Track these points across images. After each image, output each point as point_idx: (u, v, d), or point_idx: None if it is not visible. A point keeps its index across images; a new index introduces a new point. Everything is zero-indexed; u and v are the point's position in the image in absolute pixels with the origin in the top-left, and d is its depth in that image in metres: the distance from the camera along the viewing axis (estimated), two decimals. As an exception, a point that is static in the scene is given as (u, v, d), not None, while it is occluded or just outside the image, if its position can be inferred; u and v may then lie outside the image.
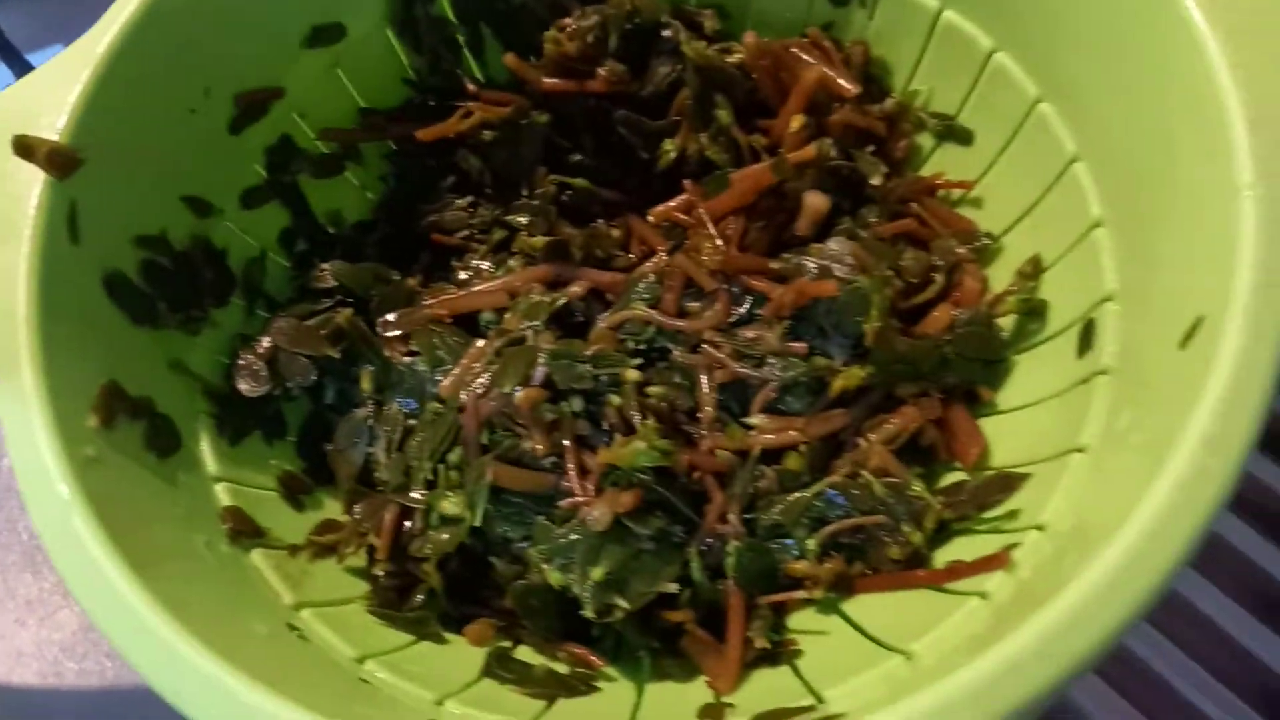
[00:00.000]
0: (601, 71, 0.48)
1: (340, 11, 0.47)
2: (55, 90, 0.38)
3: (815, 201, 0.45)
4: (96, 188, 0.38)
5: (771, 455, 0.43)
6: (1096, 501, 0.33)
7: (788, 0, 0.49)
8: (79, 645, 0.57)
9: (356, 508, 0.43)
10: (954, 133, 0.47)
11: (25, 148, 0.36)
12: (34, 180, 0.37)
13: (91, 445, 0.34)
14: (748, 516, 0.42)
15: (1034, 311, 0.43)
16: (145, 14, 0.40)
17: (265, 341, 0.44)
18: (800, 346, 0.42)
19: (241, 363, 0.43)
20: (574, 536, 0.39)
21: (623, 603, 0.38)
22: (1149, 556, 0.28)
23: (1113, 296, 0.38)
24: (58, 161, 0.37)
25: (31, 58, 0.71)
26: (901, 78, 0.49)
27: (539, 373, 0.42)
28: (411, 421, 0.44)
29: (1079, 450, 0.36)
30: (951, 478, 0.42)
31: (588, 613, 0.39)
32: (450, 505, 0.41)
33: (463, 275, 0.49)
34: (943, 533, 0.40)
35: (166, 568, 0.33)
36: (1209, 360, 0.29)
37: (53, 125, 0.37)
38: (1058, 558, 0.33)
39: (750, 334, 0.44)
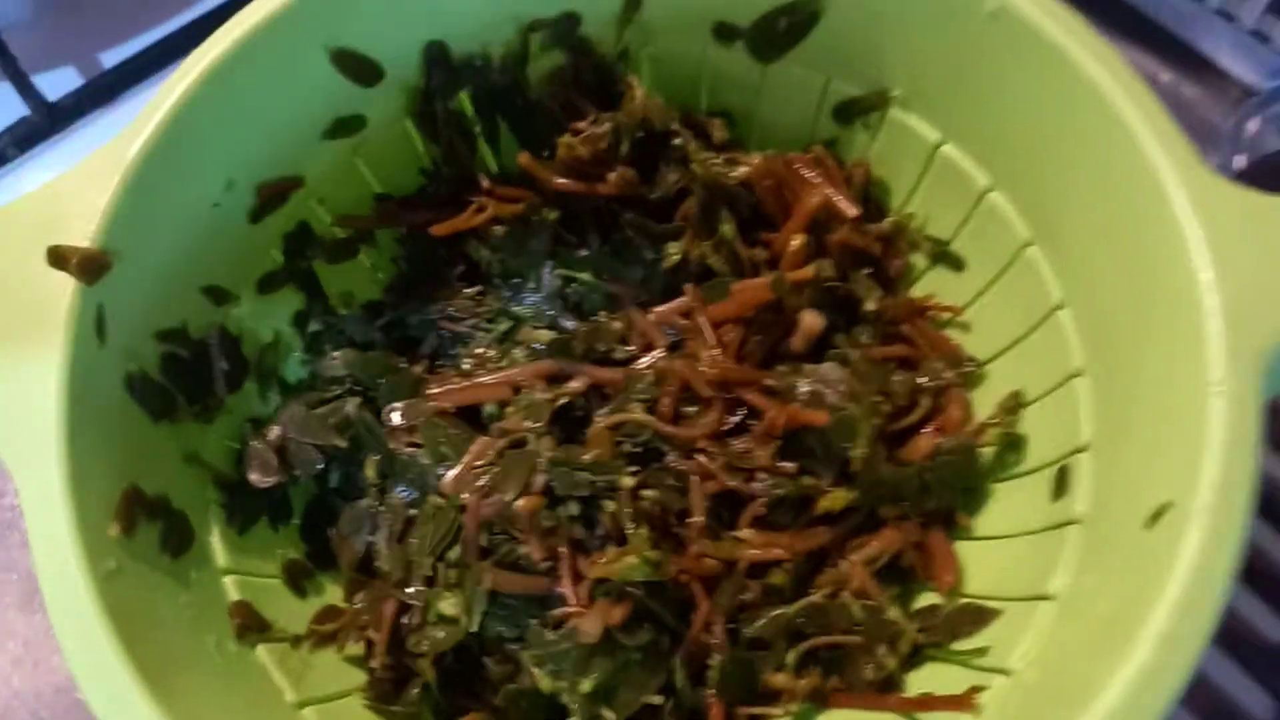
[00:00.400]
0: (612, 176, 0.50)
1: (362, 104, 0.48)
2: (85, 194, 0.39)
3: (811, 321, 0.47)
4: (122, 288, 0.40)
5: (757, 567, 0.45)
6: (1061, 664, 0.35)
7: (793, 114, 0.51)
8: (74, 687, 0.58)
9: (357, 597, 0.45)
10: (947, 258, 0.49)
11: (58, 257, 0.38)
12: (65, 285, 0.38)
13: (113, 557, 0.35)
14: (730, 626, 0.44)
15: (1013, 444, 0.45)
16: (176, 116, 0.41)
17: (275, 430, 0.45)
18: (790, 466, 0.44)
19: (252, 451, 0.45)
20: (565, 645, 0.41)
21: (609, 715, 0.40)
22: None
23: (1088, 448, 0.41)
24: (88, 267, 0.38)
25: (36, 80, 0.71)
26: (899, 198, 0.51)
27: (539, 480, 0.44)
28: (413, 512, 0.46)
29: (1047, 598, 0.39)
30: (926, 598, 0.45)
31: None
32: (448, 606, 0.42)
33: (467, 363, 0.51)
34: (916, 656, 0.43)
35: (180, 680, 0.34)
36: (1171, 554, 0.31)
37: (84, 231, 0.39)
38: (1024, 712, 0.35)
39: (742, 446, 0.46)
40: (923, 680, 0.42)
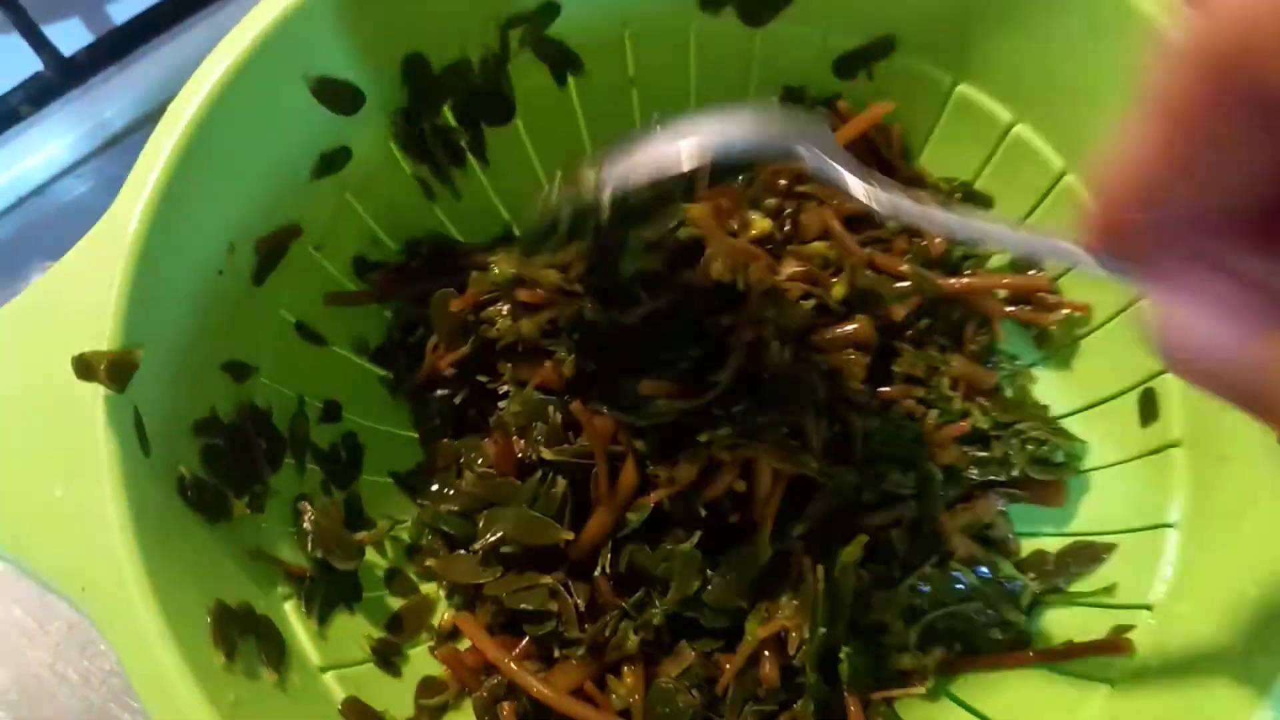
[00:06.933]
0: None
1: (346, 135, 0.44)
2: (90, 283, 0.35)
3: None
4: (150, 385, 0.35)
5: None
6: (1218, 590, 0.35)
7: (790, 74, 0.49)
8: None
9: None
10: (974, 197, 0.48)
11: (85, 366, 0.33)
12: (95, 396, 0.33)
13: (229, 690, 0.32)
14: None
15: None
16: (168, 180, 0.36)
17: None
18: None
19: (323, 532, 0.41)
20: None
21: None
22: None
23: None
24: (116, 372, 0.34)
25: (47, 30, 0.61)
26: (915, 144, 0.49)
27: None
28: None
29: (1168, 526, 0.39)
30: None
31: None
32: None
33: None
34: (1033, 607, 0.42)
35: (337, 805, 0.31)
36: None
37: (99, 329, 0.34)
38: (1191, 642, 0.35)
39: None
40: (1048, 627, 0.42)
